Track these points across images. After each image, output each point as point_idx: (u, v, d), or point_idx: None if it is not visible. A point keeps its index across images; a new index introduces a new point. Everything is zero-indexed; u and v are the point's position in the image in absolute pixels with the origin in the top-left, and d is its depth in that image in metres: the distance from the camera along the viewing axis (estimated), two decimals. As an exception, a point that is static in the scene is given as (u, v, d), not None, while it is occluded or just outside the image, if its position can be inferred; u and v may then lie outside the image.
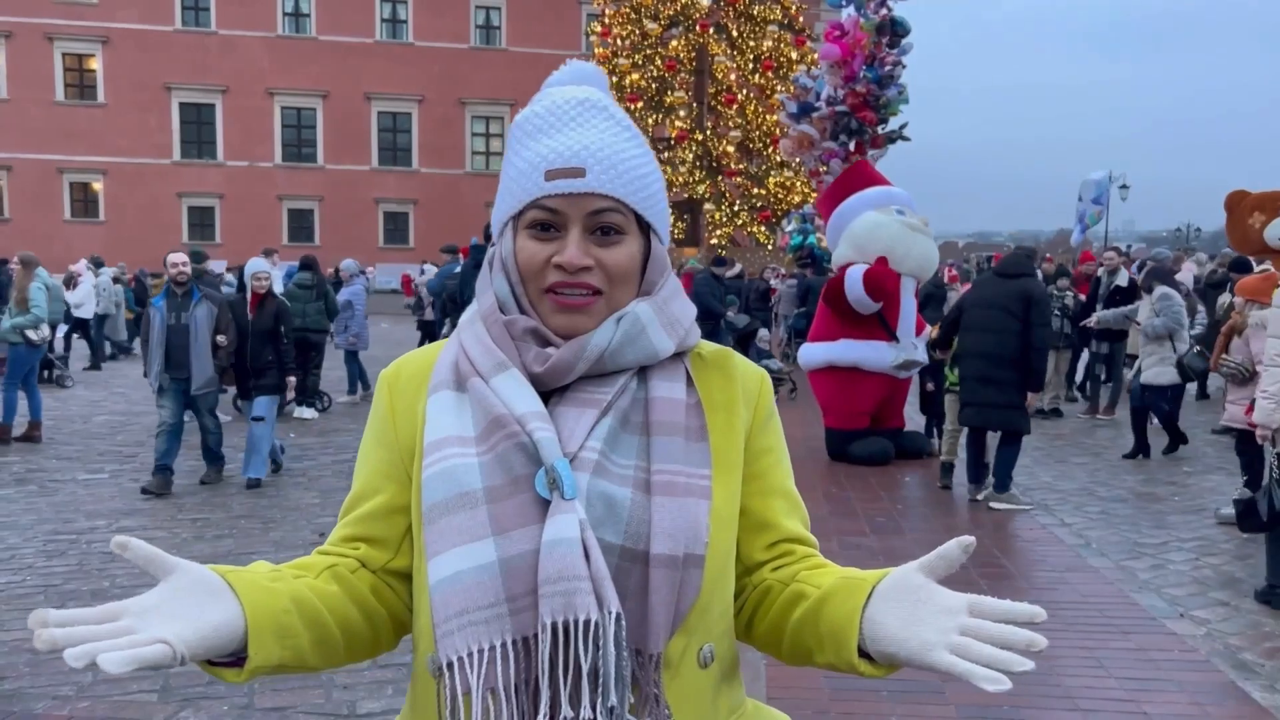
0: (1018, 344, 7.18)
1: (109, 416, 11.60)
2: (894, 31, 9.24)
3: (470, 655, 1.03)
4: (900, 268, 8.87)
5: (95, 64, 41.22)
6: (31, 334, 9.63)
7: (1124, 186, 40.89)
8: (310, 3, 42.56)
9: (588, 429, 1.12)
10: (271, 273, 8.90)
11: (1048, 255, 20.97)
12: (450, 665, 1.03)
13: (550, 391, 1.16)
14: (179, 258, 7.84)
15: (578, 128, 1.15)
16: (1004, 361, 7.20)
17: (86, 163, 41.18)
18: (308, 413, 11.51)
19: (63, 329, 15.68)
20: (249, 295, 8.53)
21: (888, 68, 9.21)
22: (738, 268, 16.27)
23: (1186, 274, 14.86)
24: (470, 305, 1.25)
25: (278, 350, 8.18)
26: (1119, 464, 9.29)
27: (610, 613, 1.02)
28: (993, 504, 7.40)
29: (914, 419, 10.23)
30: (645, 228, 1.18)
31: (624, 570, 1.06)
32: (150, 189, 41.31)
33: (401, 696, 4.12)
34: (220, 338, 7.81)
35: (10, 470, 8.57)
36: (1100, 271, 11.84)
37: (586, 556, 1.03)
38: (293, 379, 8.40)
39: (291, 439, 10.22)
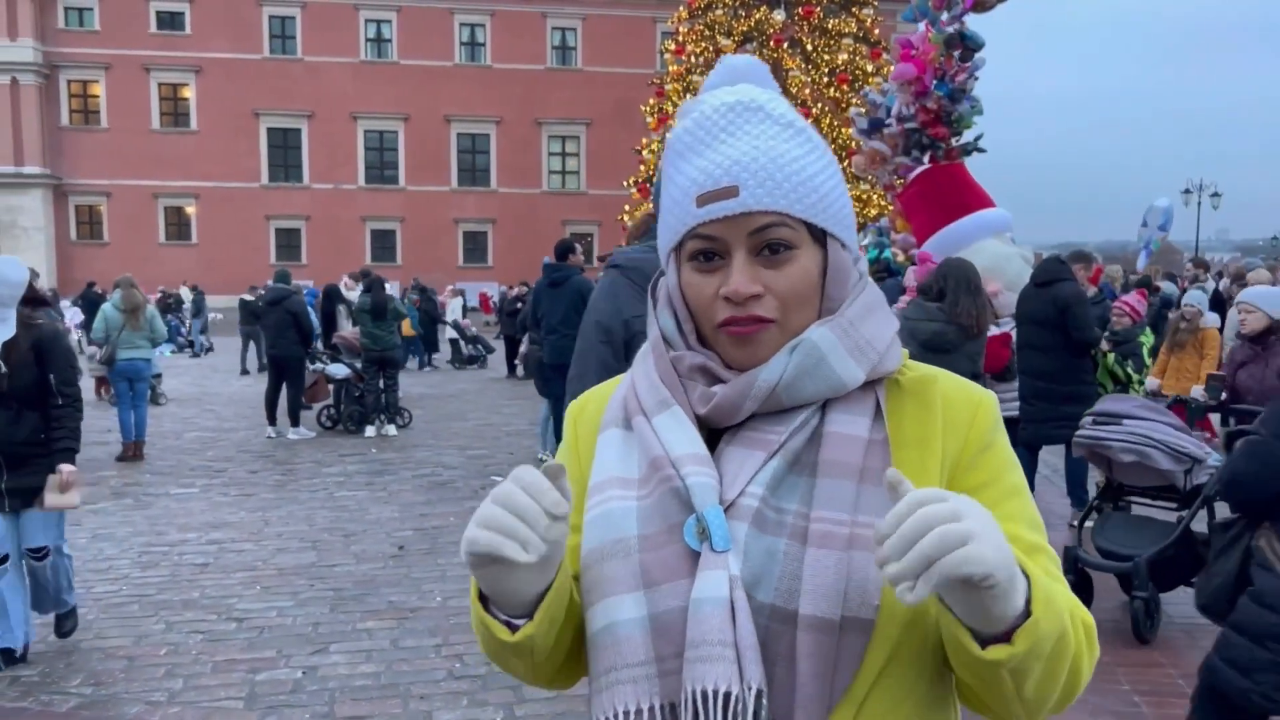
0: (1062, 356, 6.93)
1: (200, 433, 12.00)
2: (965, 45, 9.05)
3: (616, 716, 0.96)
4: (1006, 298, 8.53)
5: (189, 93, 42.83)
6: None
7: (1215, 195, 39.61)
8: (392, 28, 43.65)
9: (751, 473, 0.99)
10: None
11: (1154, 267, 20.15)
12: None
13: (724, 429, 1.05)
14: None
15: (728, 138, 1.02)
16: (1052, 375, 6.97)
17: (180, 187, 42.77)
18: (389, 429, 11.75)
19: (165, 348, 16.47)
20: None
21: (959, 81, 9.00)
22: None
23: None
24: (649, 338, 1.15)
25: (46, 418, 4.63)
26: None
27: (750, 688, 0.91)
28: (1073, 522, 7.23)
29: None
30: (822, 236, 1.04)
31: (775, 633, 0.95)
32: (240, 212, 42.71)
33: (477, 708, 4.20)
34: None
35: (108, 485, 8.92)
36: (1185, 284, 11.50)
37: (734, 619, 0.93)
38: (69, 468, 4.61)
39: (373, 454, 10.46)
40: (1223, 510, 5.66)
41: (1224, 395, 5.68)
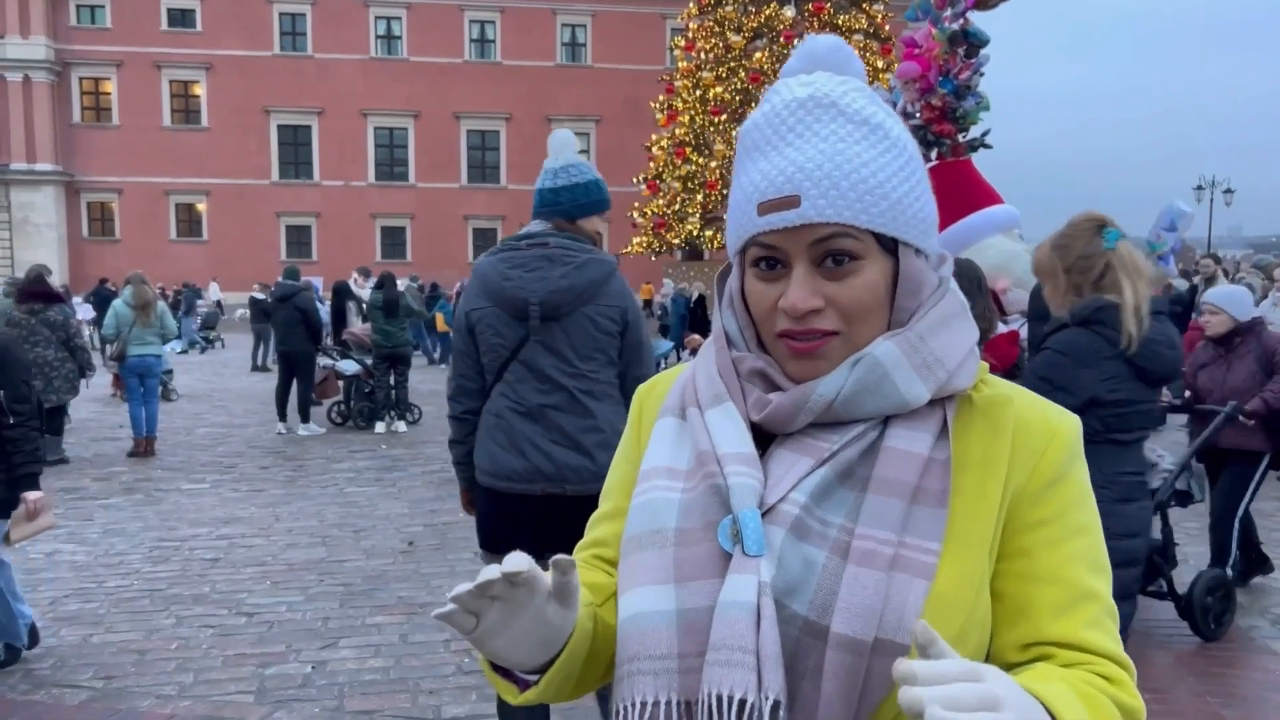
0: None
1: (210, 429, 12.05)
2: (969, 42, 9.00)
3: (634, 706, 0.94)
4: (1015, 295, 8.47)
5: (199, 90, 42.99)
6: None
7: (1228, 191, 39.46)
8: (401, 25, 43.72)
9: (796, 479, 0.96)
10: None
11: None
12: (618, 712, 0.96)
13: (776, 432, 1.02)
14: None
15: (795, 140, 0.98)
16: None
17: (191, 184, 42.94)
18: (399, 425, 11.79)
19: (176, 344, 16.60)
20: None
21: (964, 77, 8.96)
22: None
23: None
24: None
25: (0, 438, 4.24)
26: (1222, 479, 8.93)
27: (767, 698, 0.89)
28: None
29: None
30: (892, 245, 0.99)
31: (806, 647, 0.92)
32: (250, 209, 42.85)
33: (485, 702, 4.21)
34: None
35: (120, 480, 8.97)
36: (1197, 279, 11.45)
37: (759, 626, 0.91)
38: (35, 495, 4.30)
39: (383, 450, 10.48)
40: (1175, 515, 5.63)
41: (1186, 393, 5.64)
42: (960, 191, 8.62)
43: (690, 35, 28.24)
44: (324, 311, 14.26)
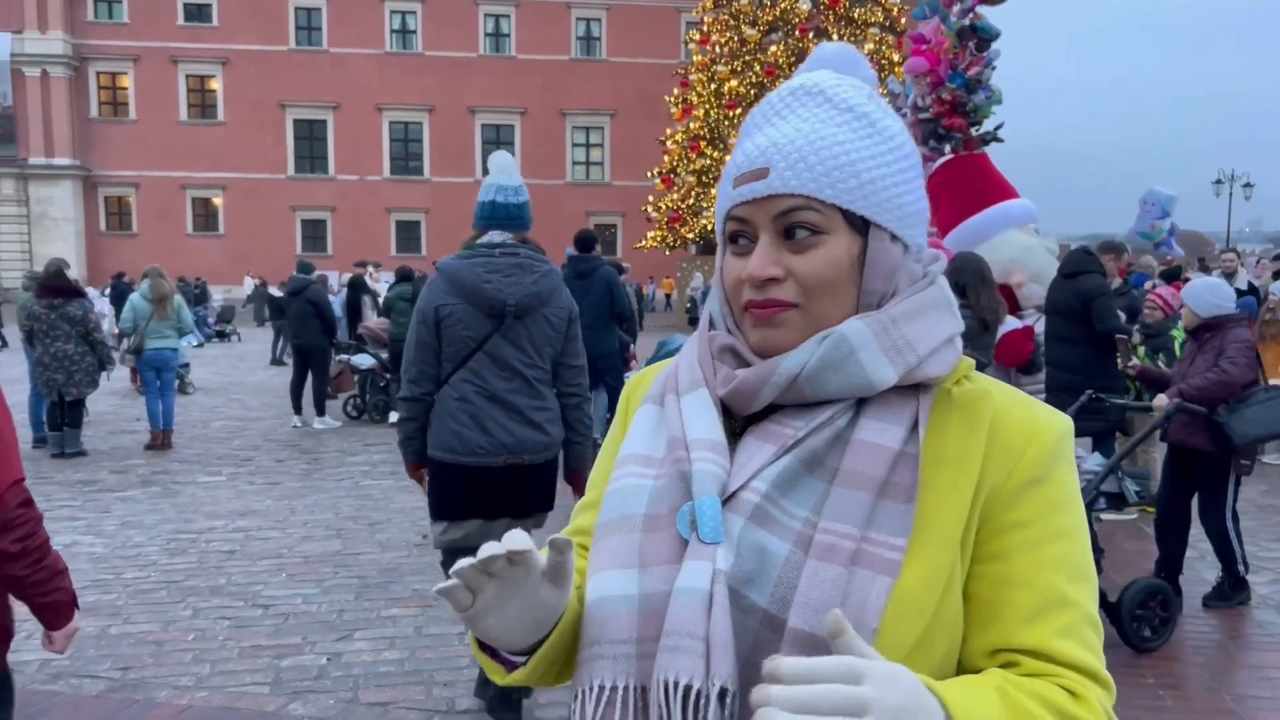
0: (1088, 348, 6.88)
1: (226, 422, 12.11)
2: (979, 36, 8.92)
3: (591, 690, 0.94)
4: (1030, 290, 8.42)
5: (216, 84, 43.18)
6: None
7: (1248, 185, 39.10)
8: (416, 19, 43.78)
9: (758, 467, 0.95)
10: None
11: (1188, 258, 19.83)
12: (577, 696, 0.96)
13: (752, 418, 1.01)
14: None
15: (778, 122, 1.00)
16: (1078, 367, 6.91)
17: (207, 179, 43.15)
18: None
19: (193, 338, 16.72)
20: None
21: (974, 71, 8.88)
22: None
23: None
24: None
25: None
26: (1239, 475, 8.88)
27: (714, 685, 0.87)
28: (1100, 516, 7.17)
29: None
30: (863, 225, 0.98)
31: (764, 640, 0.90)
32: (266, 203, 43.04)
33: (499, 695, 4.23)
34: None
35: (137, 473, 9.03)
36: (1216, 274, 11.37)
37: (711, 613, 0.90)
38: None
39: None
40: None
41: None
42: (975, 186, 8.55)
43: (705, 29, 28.17)
44: (336, 305, 14.30)
